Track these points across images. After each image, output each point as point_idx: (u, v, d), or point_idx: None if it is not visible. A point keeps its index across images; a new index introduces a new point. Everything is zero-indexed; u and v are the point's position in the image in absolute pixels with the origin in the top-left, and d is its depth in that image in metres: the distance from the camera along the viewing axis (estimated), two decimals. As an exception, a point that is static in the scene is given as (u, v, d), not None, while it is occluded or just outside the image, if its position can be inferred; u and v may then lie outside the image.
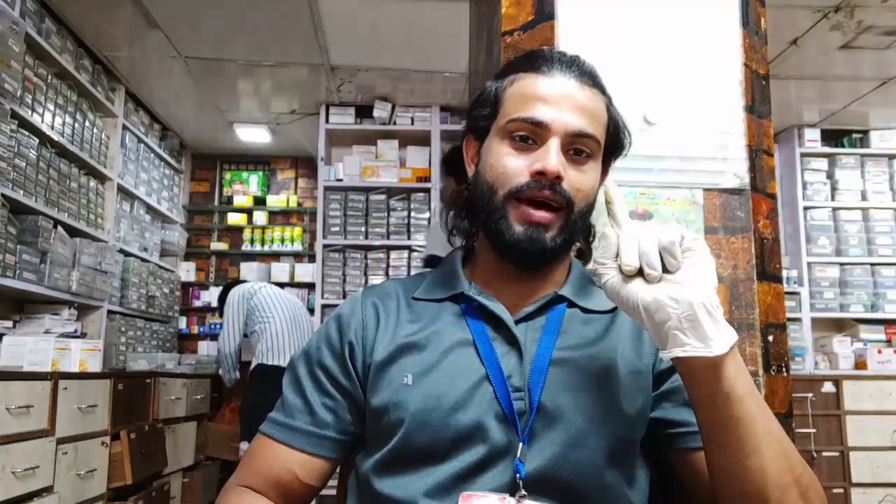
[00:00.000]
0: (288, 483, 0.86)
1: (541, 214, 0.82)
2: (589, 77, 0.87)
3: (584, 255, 0.95)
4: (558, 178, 0.81)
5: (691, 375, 0.71)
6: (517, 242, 0.82)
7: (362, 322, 0.90)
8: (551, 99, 0.83)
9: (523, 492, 0.76)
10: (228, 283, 4.10)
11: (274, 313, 3.67)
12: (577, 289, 0.90)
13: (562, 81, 0.85)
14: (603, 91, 0.89)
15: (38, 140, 3.07)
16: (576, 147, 0.83)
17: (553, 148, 0.81)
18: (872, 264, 4.48)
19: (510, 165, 0.83)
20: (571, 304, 0.89)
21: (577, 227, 0.85)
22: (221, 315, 4.00)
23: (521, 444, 0.78)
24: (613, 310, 0.89)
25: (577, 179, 0.83)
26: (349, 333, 0.89)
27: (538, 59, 0.88)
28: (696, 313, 0.67)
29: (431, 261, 2.64)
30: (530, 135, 0.83)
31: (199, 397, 3.85)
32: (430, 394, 0.81)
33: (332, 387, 0.88)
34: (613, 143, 0.89)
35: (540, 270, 0.88)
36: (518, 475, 0.77)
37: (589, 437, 0.79)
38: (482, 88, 0.91)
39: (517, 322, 0.86)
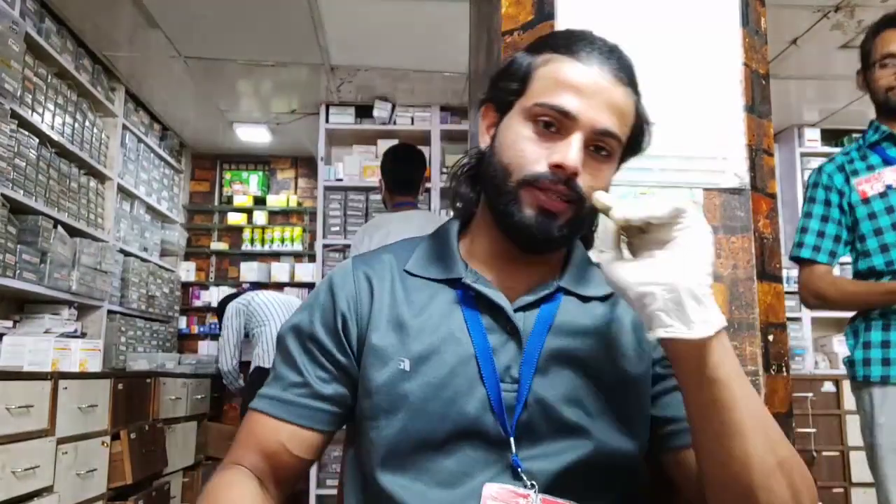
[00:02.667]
0: (277, 456, 0.84)
1: (554, 203, 0.79)
2: (626, 73, 0.83)
3: (586, 239, 0.94)
4: (575, 173, 0.78)
5: (676, 358, 0.72)
6: (526, 227, 0.80)
7: (355, 294, 0.87)
8: (584, 90, 0.79)
9: (528, 482, 0.76)
10: (226, 297, 4.11)
11: (270, 317, 3.70)
12: (576, 277, 0.88)
13: (598, 73, 0.80)
14: (636, 89, 0.85)
15: (38, 140, 3.07)
16: (598, 144, 0.80)
17: (576, 142, 0.78)
18: (872, 264, 4.47)
19: (529, 151, 0.80)
20: (569, 292, 0.87)
21: (584, 222, 0.84)
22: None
23: (510, 438, 0.78)
24: (611, 295, 0.88)
25: (592, 178, 0.80)
26: (341, 305, 0.86)
27: (577, 41, 0.83)
28: (680, 296, 0.67)
29: None
30: (555, 122, 0.80)
31: (199, 397, 3.85)
32: (429, 383, 0.80)
33: (326, 359, 0.85)
34: (634, 143, 0.87)
35: (541, 255, 0.87)
36: (518, 468, 0.77)
37: (585, 430, 0.79)
38: (512, 59, 0.86)
39: (516, 310, 0.84)
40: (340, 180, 4.45)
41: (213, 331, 5.11)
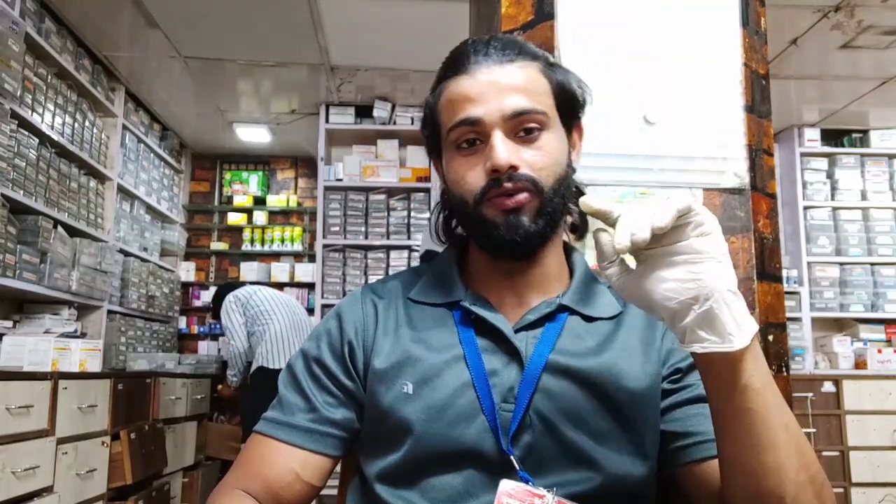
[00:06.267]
0: (289, 483, 0.83)
1: (513, 200, 0.80)
2: (510, 51, 0.83)
3: (579, 228, 0.91)
4: (512, 167, 0.79)
5: (709, 369, 0.68)
6: (499, 235, 0.81)
7: (363, 321, 0.89)
8: (477, 94, 0.81)
9: (542, 489, 0.75)
10: (222, 287, 4.05)
11: (273, 315, 3.66)
12: (580, 295, 0.87)
13: (483, 71, 0.82)
14: (533, 56, 0.85)
15: (38, 140, 3.07)
16: (523, 127, 0.81)
17: (497, 141, 0.79)
18: (872, 264, 4.48)
19: (468, 174, 0.82)
20: (574, 311, 0.86)
21: (554, 203, 0.82)
22: (214, 317, 3.98)
23: (510, 456, 0.77)
24: (617, 315, 0.87)
25: (534, 160, 0.81)
26: (349, 332, 0.88)
27: (455, 59, 0.85)
28: (712, 307, 0.63)
29: (428, 255, 2.65)
30: (475, 137, 0.82)
31: (199, 397, 3.85)
32: (431, 406, 0.80)
33: (332, 384, 0.86)
34: (568, 100, 0.86)
35: (534, 260, 0.86)
36: (528, 482, 0.76)
37: (593, 460, 0.78)
38: (423, 106, 0.91)
39: (518, 330, 0.84)
40: (340, 180, 4.45)
41: (213, 331, 5.11)
